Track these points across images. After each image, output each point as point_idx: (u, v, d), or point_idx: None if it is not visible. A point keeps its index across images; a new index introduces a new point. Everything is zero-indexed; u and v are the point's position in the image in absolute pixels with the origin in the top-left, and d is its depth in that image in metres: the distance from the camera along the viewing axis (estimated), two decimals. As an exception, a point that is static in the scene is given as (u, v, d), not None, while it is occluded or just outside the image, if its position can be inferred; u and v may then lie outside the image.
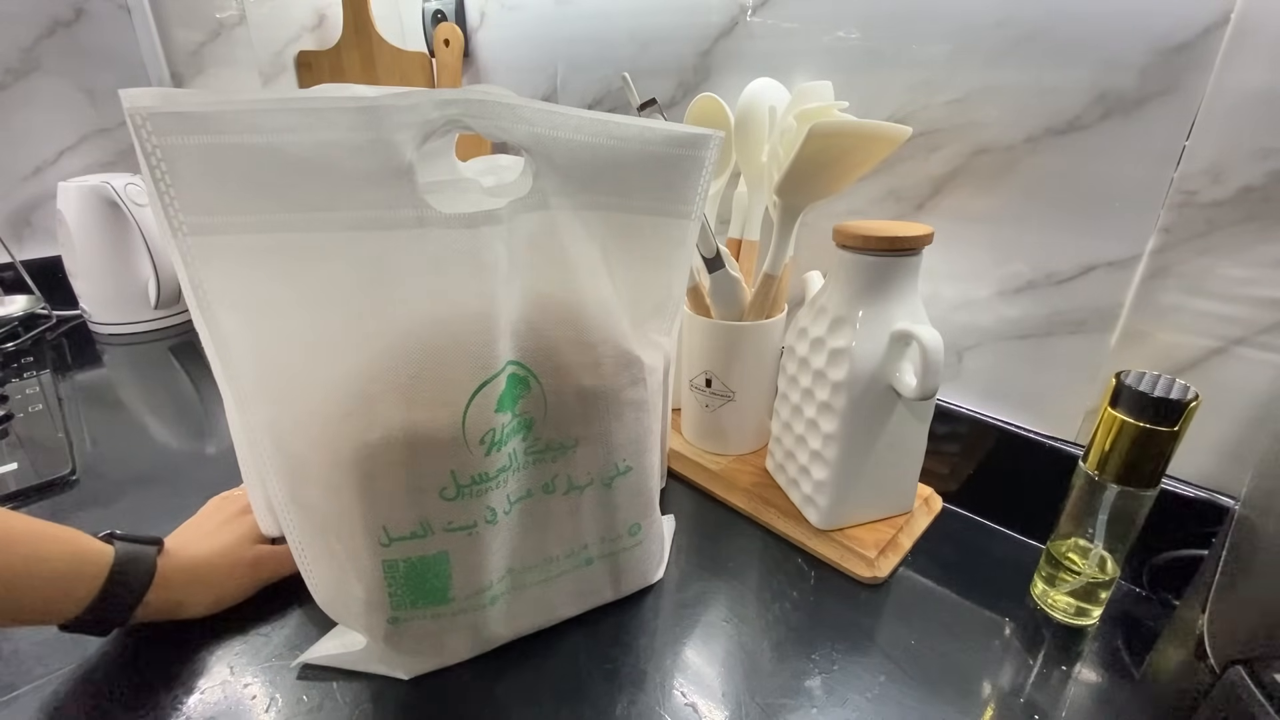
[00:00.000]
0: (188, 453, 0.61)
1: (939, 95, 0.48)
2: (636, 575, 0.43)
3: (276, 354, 0.30)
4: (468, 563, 0.35)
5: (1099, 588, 0.41)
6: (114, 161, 0.96)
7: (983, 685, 0.38)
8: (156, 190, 0.26)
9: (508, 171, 0.41)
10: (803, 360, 0.48)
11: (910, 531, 0.50)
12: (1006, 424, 0.50)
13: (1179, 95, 0.39)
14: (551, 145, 0.32)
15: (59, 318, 0.89)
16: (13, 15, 0.85)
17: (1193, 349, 0.42)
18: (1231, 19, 0.36)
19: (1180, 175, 0.40)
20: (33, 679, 0.37)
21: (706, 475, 0.56)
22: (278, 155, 0.27)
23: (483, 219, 0.31)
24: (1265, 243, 0.38)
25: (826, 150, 0.43)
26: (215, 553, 0.40)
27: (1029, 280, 0.47)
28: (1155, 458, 0.37)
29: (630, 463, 0.39)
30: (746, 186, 0.58)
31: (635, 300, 0.38)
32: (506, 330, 0.33)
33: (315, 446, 0.31)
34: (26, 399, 0.67)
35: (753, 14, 0.58)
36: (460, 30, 0.89)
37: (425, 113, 0.29)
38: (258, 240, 0.28)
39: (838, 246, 0.45)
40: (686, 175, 0.36)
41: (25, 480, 0.54)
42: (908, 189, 0.52)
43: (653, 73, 0.68)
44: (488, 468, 0.33)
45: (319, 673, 0.38)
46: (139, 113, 0.25)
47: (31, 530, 0.33)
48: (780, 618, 0.42)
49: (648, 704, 0.36)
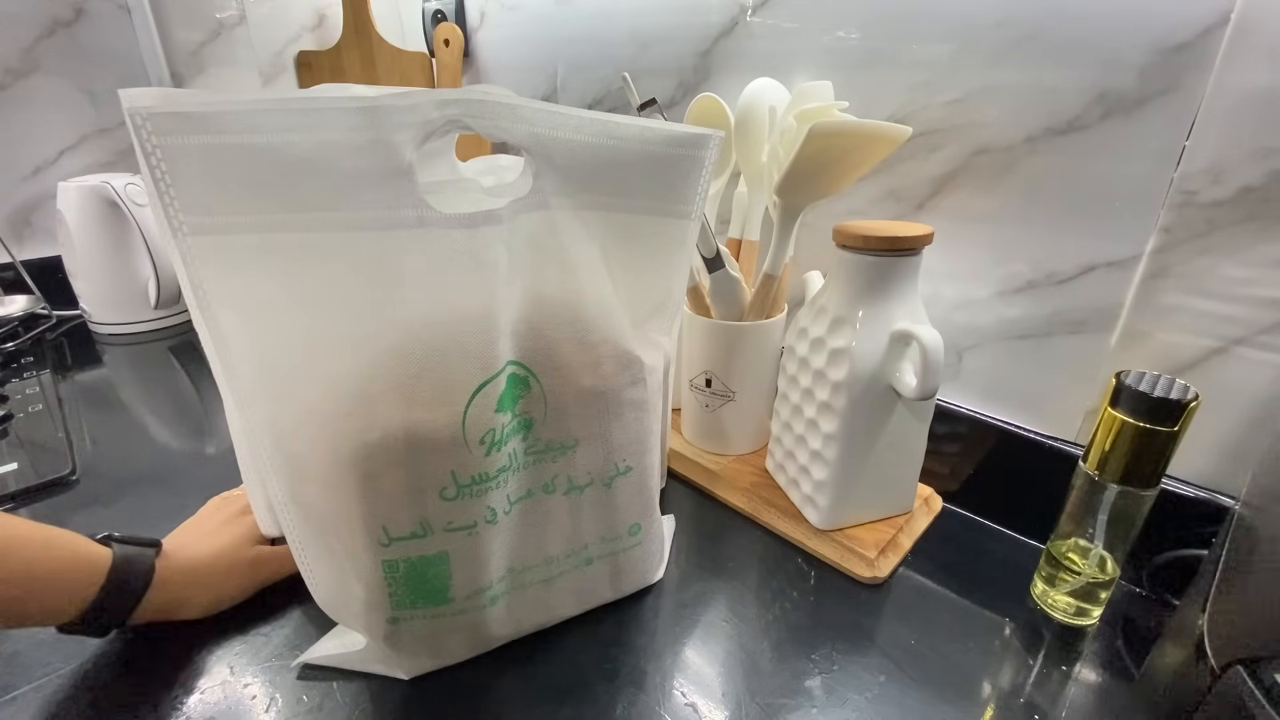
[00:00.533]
0: (188, 453, 0.61)
1: (939, 95, 0.48)
2: (636, 575, 0.43)
3: (276, 354, 0.30)
4: (468, 563, 0.35)
5: (1099, 588, 0.41)
6: (114, 161, 0.96)
7: (983, 685, 0.38)
8: (156, 190, 0.26)
9: (508, 171, 0.41)
10: (803, 360, 0.48)
11: (910, 531, 0.49)
12: (1006, 424, 0.50)
13: (1179, 95, 0.39)
14: (551, 145, 0.32)
15: (59, 318, 0.89)
16: (13, 15, 0.85)
17: (1193, 349, 0.42)
18: (1231, 19, 0.36)
19: (1180, 175, 0.40)
20: (33, 679, 0.37)
21: (706, 475, 0.56)
22: (278, 155, 0.27)
23: (483, 219, 0.31)
24: (1265, 243, 0.38)
25: (826, 150, 0.43)
26: (214, 554, 0.40)
27: (1029, 280, 0.47)
28: (1155, 458, 0.37)
29: (630, 463, 0.39)
30: (746, 186, 0.58)
31: (635, 300, 0.38)
32: (506, 330, 0.33)
33: (315, 446, 0.31)
34: (26, 399, 0.67)
35: (753, 14, 0.58)
36: (460, 30, 0.89)
37: (425, 113, 0.29)
38: (258, 240, 0.28)
39: (838, 246, 0.45)
40: (686, 175, 0.36)
41: (25, 480, 0.54)
42: (908, 189, 0.52)
43: (653, 73, 0.68)
44: (488, 468, 0.33)
45: (319, 673, 0.38)
46: (139, 113, 0.25)
47: (30, 534, 0.33)
48: (780, 618, 0.42)
49: (648, 704, 0.36)
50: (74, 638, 0.36)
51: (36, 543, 0.33)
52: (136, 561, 0.36)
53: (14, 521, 0.33)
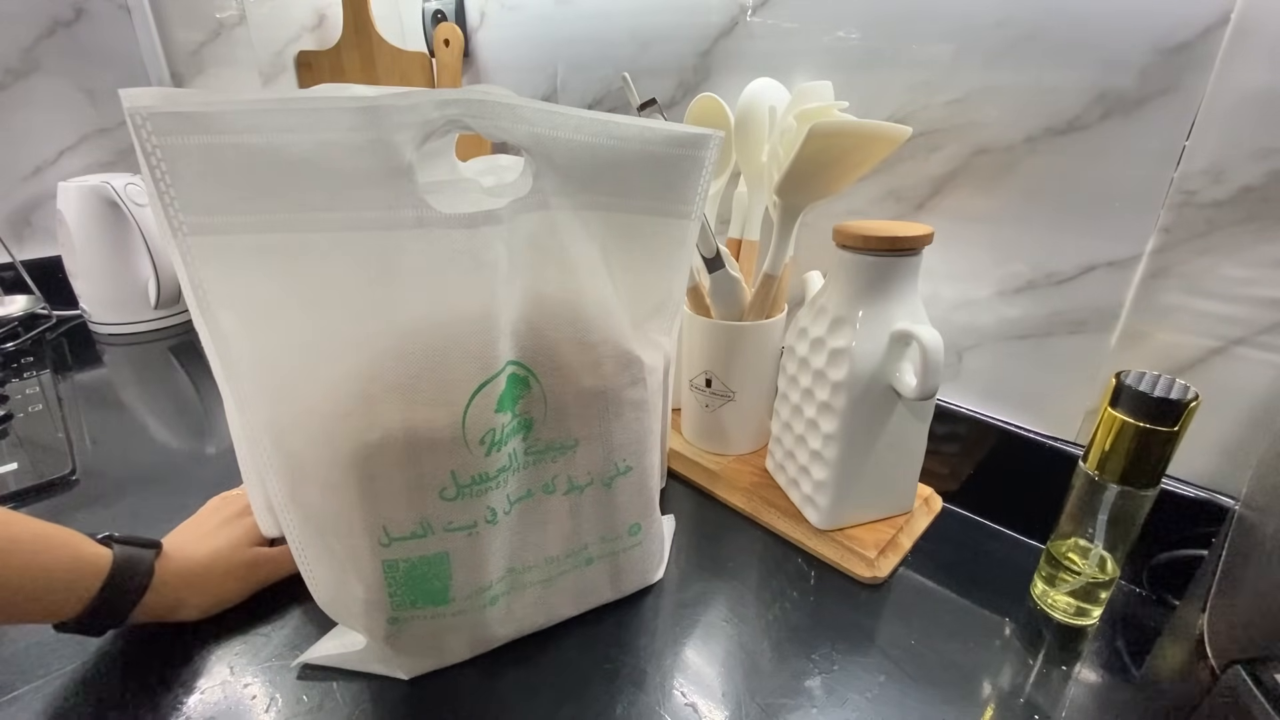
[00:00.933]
0: (188, 453, 0.61)
1: (939, 95, 0.48)
2: (636, 575, 0.43)
3: (276, 354, 0.30)
4: (468, 563, 0.35)
5: (1099, 588, 0.41)
6: (114, 161, 0.96)
7: (983, 685, 0.38)
8: (156, 190, 0.26)
9: (508, 171, 0.41)
10: (803, 360, 0.48)
11: (910, 531, 0.49)
12: (1006, 424, 0.50)
13: (1179, 95, 0.39)
14: (551, 145, 0.32)
15: (59, 318, 0.89)
16: (13, 15, 0.85)
17: (1193, 349, 0.42)
18: (1231, 19, 0.36)
19: (1180, 175, 0.40)
20: (33, 679, 0.37)
21: (706, 475, 0.56)
22: (278, 155, 0.27)
23: (483, 219, 0.31)
24: (1265, 243, 0.38)
25: (826, 150, 0.43)
26: (212, 555, 0.40)
27: (1029, 280, 0.47)
28: (1155, 458, 0.37)
29: (630, 463, 0.39)
30: (746, 186, 0.58)
31: (635, 300, 0.38)
32: (506, 330, 0.33)
33: (315, 446, 0.31)
34: (26, 399, 0.67)
35: (753, 14, 0.58)
36: (460, 30, 0.89)
37: (425, 113, 0.29)
38: (258, 240, 0.28)
39: (838, 246, 0.45)
40: (686, 175, 0.36)
41: (25, 480, 0.54)
42: (908, 189, 0.52)
43: (653, 73, 0.68)
44: (488, 468, 0.33)
45: (319, 673, 0.38)
46: (139, 112, 0.25)
47: (30, 533, 0.33)
48: (780, 618, 0.42)
49: (648, 704, 0.36)
50: (74, 637, 0.36)
51: (37, 540, 0.33)
52: (137, 562, 0.36)
53: (15, 519, 0.33)
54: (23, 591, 0.32)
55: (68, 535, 0.35)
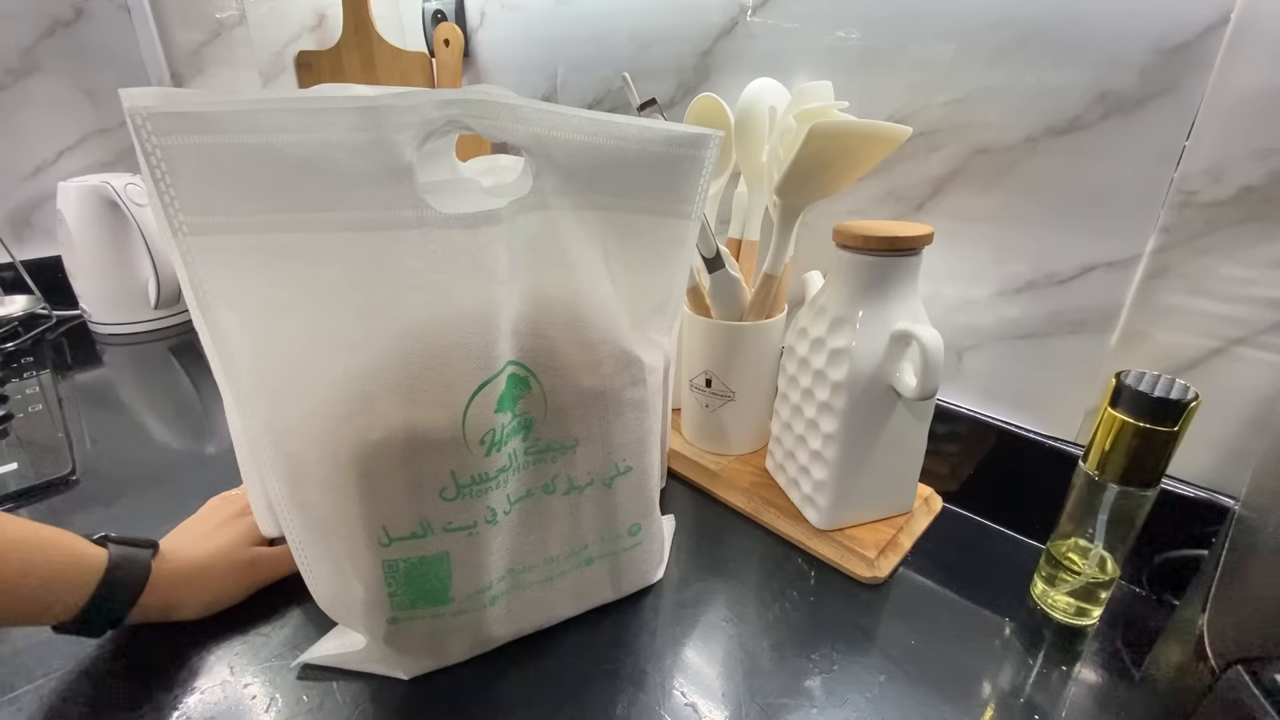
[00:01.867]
0: (187, 453, 0.61)
1: (939, 95, 0.48)
2: (636, 575, 0.43)
3: (276, 354, 0.30)
4: (468, 563, 0.35)
5: (1099, 588, 0.41)
6: (114, 161, 0.96)
7: (983, 685, 0.38)
8: (156, 190, 0.26)
9: (508, 171, 0.41)
10: (803, 360, 0.48)
11: (910, 531, 0.49)
12: (1006, 424, 0.50)
13: (1179, 95, 0.39)
14: (551, 145, 0.32)
15: (59, 318, 0.89)
16: (13, 15, 0.85)
17: (1193, 349, 0.42)
18: (1231, 19, 0.36)
19: (1180, 175, 0.40)
20: (33, 679, 0.37)
21: (706, 475, 0.56)
22: (278, 155, 0.27)
23: (483, 219, 0.31)
24: (1265, 243, 0.38)
25: (826, 150, 0.43)
26: (211, 555, 0.40)
27: (1029, 280, 0.47)
28: (1155, 458, 0.37)
29: (630, 463, 0.39)
30: (746, 186, 0.58)
31: (635, 300, 0.38)
32: (506, 330, 0.33)
33: (315, 446, 0.31)
34: (26, 399, 0.67)
35: (753, 14, 0.58)
36: (460, 30, 0.89)
37: (425, 113, 0.29)
38: (258, 240, 0.28)
39: (838, 246, 0.45)
40: (686, 175, 0.36)
41: (25, 480, 0.54)
42: (908, 189, 0.52)
43: (653, 73, 0.68)
44: (488, 468, 0.33)
45: (319, 673, 0.38)
46: (139, 112, 0.25)
47: (25, 534, 0.33)
48: (780, 618, 0.42)
49: (648, 704, 0.36)
50: (74, 638, 0.36)
51: (32, 542, 0.33)
52: (133, 562, 0.36)
53: (10, 520, 0.33)
54: (18, 593, 0.32)
55: (63, 536, 0.35)
